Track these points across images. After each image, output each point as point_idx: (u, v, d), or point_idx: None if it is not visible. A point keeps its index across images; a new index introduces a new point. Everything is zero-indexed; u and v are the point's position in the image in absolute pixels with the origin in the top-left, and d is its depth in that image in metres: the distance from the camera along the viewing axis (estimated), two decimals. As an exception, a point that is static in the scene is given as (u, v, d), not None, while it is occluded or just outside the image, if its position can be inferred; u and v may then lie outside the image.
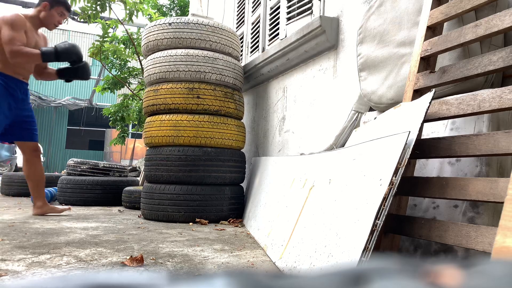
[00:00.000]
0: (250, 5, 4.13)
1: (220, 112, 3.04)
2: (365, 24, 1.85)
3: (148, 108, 3.10)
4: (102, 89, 6.58)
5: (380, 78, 1.77)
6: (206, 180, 2.92)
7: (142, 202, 3.05)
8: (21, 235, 2.11)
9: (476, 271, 0.18)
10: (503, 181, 0.99)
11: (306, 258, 1.37)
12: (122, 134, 6.98)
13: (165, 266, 1.56)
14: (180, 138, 2.91)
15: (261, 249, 1.98)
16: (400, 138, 1.14)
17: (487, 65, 1.20)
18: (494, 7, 1.48)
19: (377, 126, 1.55)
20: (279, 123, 3.33)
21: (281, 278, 0.18)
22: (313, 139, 2.33)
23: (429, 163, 1.45)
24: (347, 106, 2.08)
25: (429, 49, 1.47)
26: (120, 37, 6.43)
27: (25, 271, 1.42)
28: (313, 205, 1.56)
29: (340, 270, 0.19)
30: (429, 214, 1.39)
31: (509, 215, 0.81)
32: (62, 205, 4.06)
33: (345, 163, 1.46)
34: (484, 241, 0.98)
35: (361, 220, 1.12)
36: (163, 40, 3.04)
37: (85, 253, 1.73)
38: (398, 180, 1.08)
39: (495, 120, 1.33)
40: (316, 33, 2.62)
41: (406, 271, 0.18)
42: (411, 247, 1.43)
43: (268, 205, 2.32)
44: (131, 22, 5.40)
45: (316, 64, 2.83)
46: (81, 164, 4.39)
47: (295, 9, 3.13)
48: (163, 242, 2.06)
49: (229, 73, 3.09)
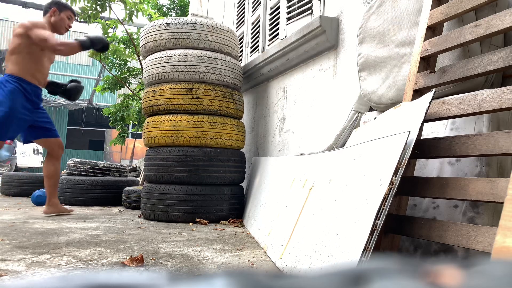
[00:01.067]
0: (250, 5, 4.13)
1: (219, 112, 3.03)
2: (365, 24, 1.85)
3: (148, 108, 3.10)
4: (102, 89, 6.58)
5: (380, 78, 1.77)
6: (206, 180, 2.92)
7: (142, 202, 3.05)
8: (21, 235, 2.11)
9: (476, 271, 0.18)
10: (503, 181, 0.99)
11: (306, 258, 1.37)
12: (122, 134, 6.97)
13: (165, 266, 1.56)
14: (179, 139, 2.91)
15: (261, 249, 1.98)
16: (400, 138, 1.14)
17: (487, 65, 1.20)
18: (494, 7, 1.48)
19: (377, 126, 1.55)
20: (279, 123, 3.33)
21: (281, 278, 0.18)
22: (313, 139, 2.33)
23: (429, 163, 1.45)
24: (347, 106, 2.08)
25: (429, 49, 1.47)
26: (120, 37, 6.43)
27: (25, 271, 1.42)
28: (313, 205, 1.56)
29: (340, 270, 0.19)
30: (429, 214, 1.39)
31: (509, 215, 0.81)
32: (62, 205, 4.06)
33: (345, 163, 1.46)
34: (484, 241, 0.98)
35: (361, 220, 1.12)
36: (161, 40, 3.04)
37: (85, 253, 1.73)
38: (398, 180, 1.08)
39: (495, 120, 1.33)
40: (316, 33, 2.62)
41: (406, 271, 0.18)
42: (411, 247, 1.43)
43: (268, 205, 2.32)
44: (131, 22, 5.40)
45: (316, 64, 2.83)
46: (81, 164, 4.39)
47: (295, 9, 3.13)
48: (163, 242, 2.06)
49: (228, 72, 3.09)
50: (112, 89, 6.53)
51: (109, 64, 6.73)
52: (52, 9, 3.10)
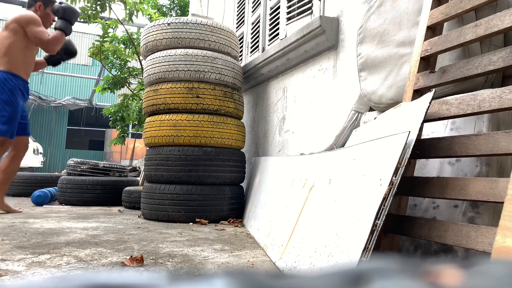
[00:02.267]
0: (250, 5, 4.13)
1: (219, 111, 3.04)
2: (365, 24, 1.85)
3: (148, 108, 3.10)
4: (102, 89, 6.59)
5: (380, 78, 1.77)
6: (206, 180, 2.92)
7: (142, 202, 3.05)
8: (21, 235, 2.11)
9: (476, 271, 0.18)
10: (503, 181, 0.99)
11: (306, 258, 1.37)
12: (122, 134, 6.98)
13: (165, 266, 1.56)
14: (180, 138, 2.91)
15: (261, 249, 1.98)
16: (400, 138, 1.14)
17: (487, 65, 1.20)
18: (494, 7, 1.48)
19: (377, 126, 1.55)
20: (279, 123, 3.33)
21: (281, 278, 0.18)
22: (313, 139, 2.33)
23: (429, 163, 1.45)
24: (347, 106, 2.08)
25: (429, 49, 1.47)
26: (120, 37, 6.43)
27: (25, 271, 1.42)
28: (313, 205, 1.56)
29: (340, 270, 0.19)
30: (429, 214, 1.39)
31: (509, 215, 0.81)
32: (62, 205, 4.06)
33: (345, 163, 1.46)
34: (484, 241, 0.98)
35: (361, 220, 1.12)
36: (162, 40, 3.05)
37: (85, 253, 1.73)
38: (398, 180, 1.08)
39: (495, 120, 1.33)
40: (316, 33, 2.62)
41: (406, 271, 0.18)
42: (411, 247, 1.43)
43: (268, 205, 2.32)
44: (131, 22, 5.40)
45: (316, 64, 2.83)
46: (81, 164, 4.39)
47: (295, 9, 3.13)
48: (163, 242, 2.06)
49: (228, 72, 3.09)
50: (112, 89, 6.54)
51: (109, 64, 6.74)
52: (38, 3, 3.09)
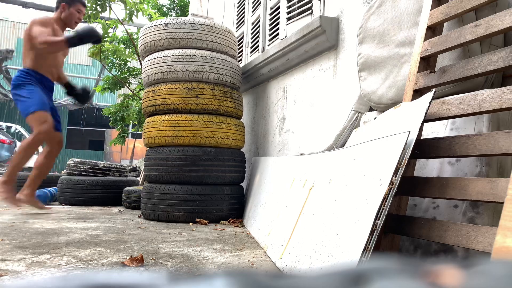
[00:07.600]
0: (250, 5, 4.13)
1: (219, 111, 3.03)
2: (365, 24, 1.85)
3: (147, 108, 3.10)
4: (102, 89, 6.59)
5: (380, 78, 1.77)
6: (206, 180, 2.92)
7: (142, 202, 3.05)
8: (21, 235, 2.11)
9: (476, 271, 0.18)
10: (503, 181, 0.99)
11: (306, 258, 1.37)
12: (122, 134, 6.98)
13: (165, 266, 1.56)
14: (179, 138, 2.91)
15: (261, 249, 1.98)
16: (400, 138, 1.14)
17: (487, 65, 1.20)
18: (494, 7, 1.48)
19: (377, 126, 1.55)
20: (279, 123, 3.33)
21: (281, 278, 0.18)
22: (313, 139, 2.33)
23: (429, 163, 1.45)
24: (347, 106, 2.08)
25: (429, 49, 1.47)
26: (120, 37, 6.44)
27: (25, 271, 1.42)
28: (313, 205, 1.56)
29: (340, 270, 0.19)
30: (429, 214, 1.39)
31: (509, 215, 0.81)
32: (62, 205, 4.06)
33: (345, 163, 1.46)
34: (484, 241, 0.98)
35: (361, 220, 1.12)
36: (159, 40, 3.04)
37: (85, 253, 1.73)
38: (398, 180, 1.08)
39: (495, 120, 1.33)
40: (316, 33, 2.62)
41: (406, 271, 0.18)
42: (411, 247, 1.43)
43: (268, 205, 2.32)
44: (131, 22, 5.40)
45: (316, 64, 2.83)
46: (81, 164, 4.39)
47: (295, 9, 3.13)
48: (163, 242, 2.06)
49: (227, 72, 3.09)
50: (112, 89, 6.54)
51: (109, 64, 6.74)
52: (62, 4, 3.26)
